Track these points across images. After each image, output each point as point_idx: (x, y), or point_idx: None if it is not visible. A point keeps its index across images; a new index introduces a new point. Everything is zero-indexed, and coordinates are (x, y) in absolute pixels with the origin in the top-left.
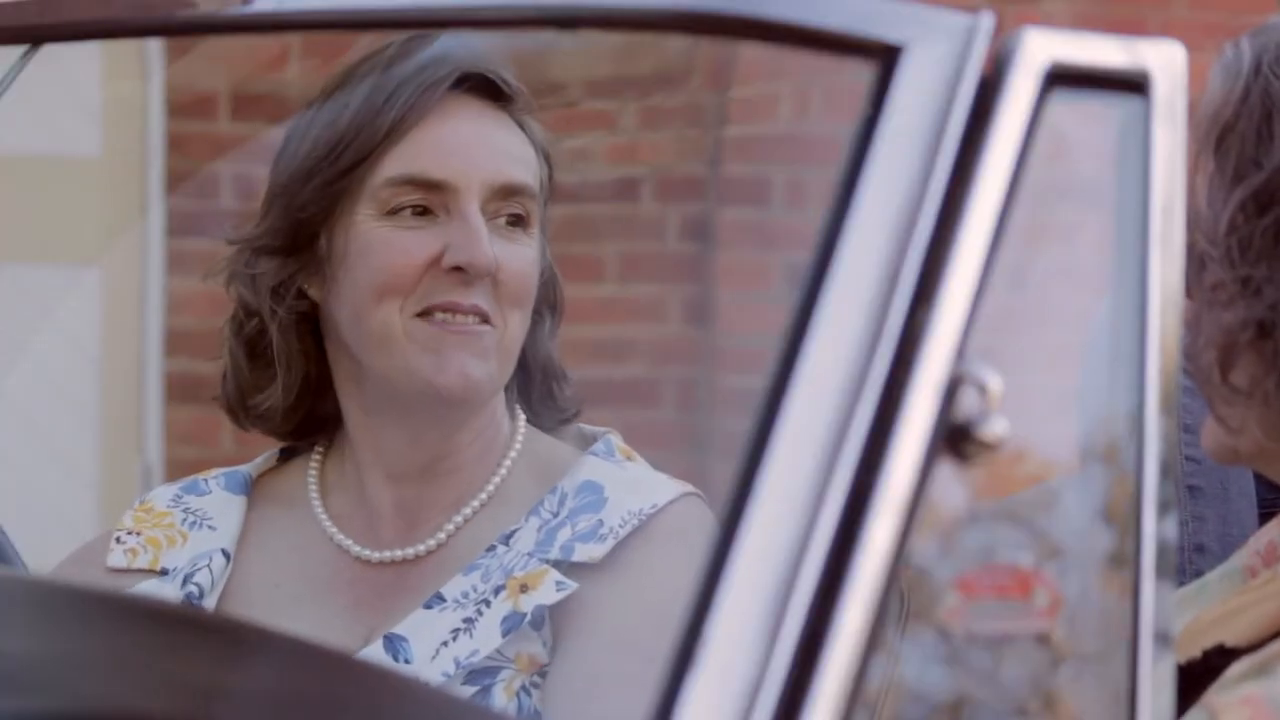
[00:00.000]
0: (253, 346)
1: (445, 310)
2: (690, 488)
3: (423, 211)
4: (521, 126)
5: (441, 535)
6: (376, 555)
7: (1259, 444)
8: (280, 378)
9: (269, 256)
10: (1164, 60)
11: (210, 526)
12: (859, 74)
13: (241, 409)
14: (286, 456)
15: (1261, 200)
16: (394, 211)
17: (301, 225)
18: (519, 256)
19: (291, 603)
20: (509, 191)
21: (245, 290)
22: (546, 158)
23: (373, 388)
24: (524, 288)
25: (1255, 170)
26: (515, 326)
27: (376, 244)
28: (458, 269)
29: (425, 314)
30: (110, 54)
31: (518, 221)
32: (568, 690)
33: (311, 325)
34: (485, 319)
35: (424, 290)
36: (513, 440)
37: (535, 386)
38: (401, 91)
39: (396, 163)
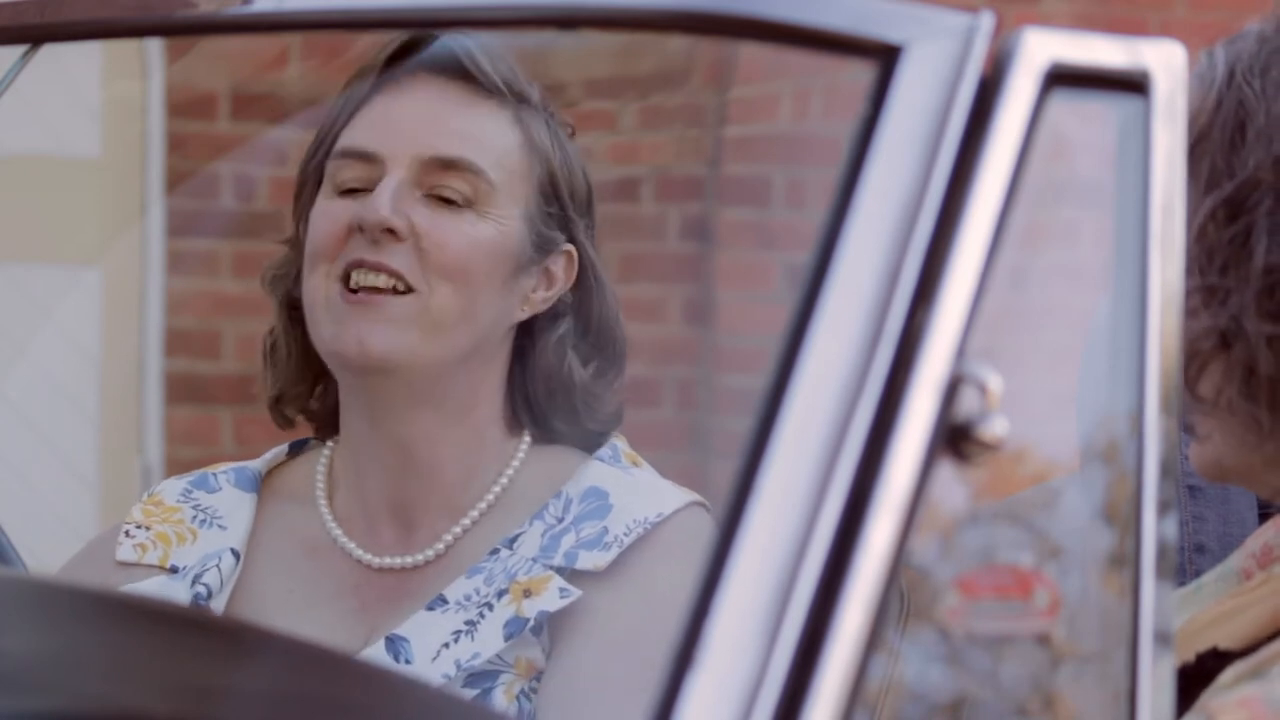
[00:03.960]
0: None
1: (356, 267)
2: (696, 497)
3: (358, 183)
4: (514, 116)
5: (440, 545)
6: (378, 561)
7: (1235, 458)
8: (273, 365)
9: (287, 249)
10: (1164, 60)
11: (220, 525)
12: (859, 74)
13: (272, 405)
14: (295, 452)
15: (1231, 208)
16: (336, 185)
17: (297, 215)
18: (447, 227)
19: (298, 606)
20: (442, 165)
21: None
22: (545, 154)
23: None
24: (452, 259)
25: (1227, 179)
26: (446, 299)
27: (316, 216)
28: (360, 228)
29: (345, 278)
30: (110, 54)
31: (453, 196)
32: (563, 694)
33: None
34: (399, 279)
35: (344, 254)
36: (516, 446)
37: (550, 398)
38: (365, 73)
39: (343, 138)
